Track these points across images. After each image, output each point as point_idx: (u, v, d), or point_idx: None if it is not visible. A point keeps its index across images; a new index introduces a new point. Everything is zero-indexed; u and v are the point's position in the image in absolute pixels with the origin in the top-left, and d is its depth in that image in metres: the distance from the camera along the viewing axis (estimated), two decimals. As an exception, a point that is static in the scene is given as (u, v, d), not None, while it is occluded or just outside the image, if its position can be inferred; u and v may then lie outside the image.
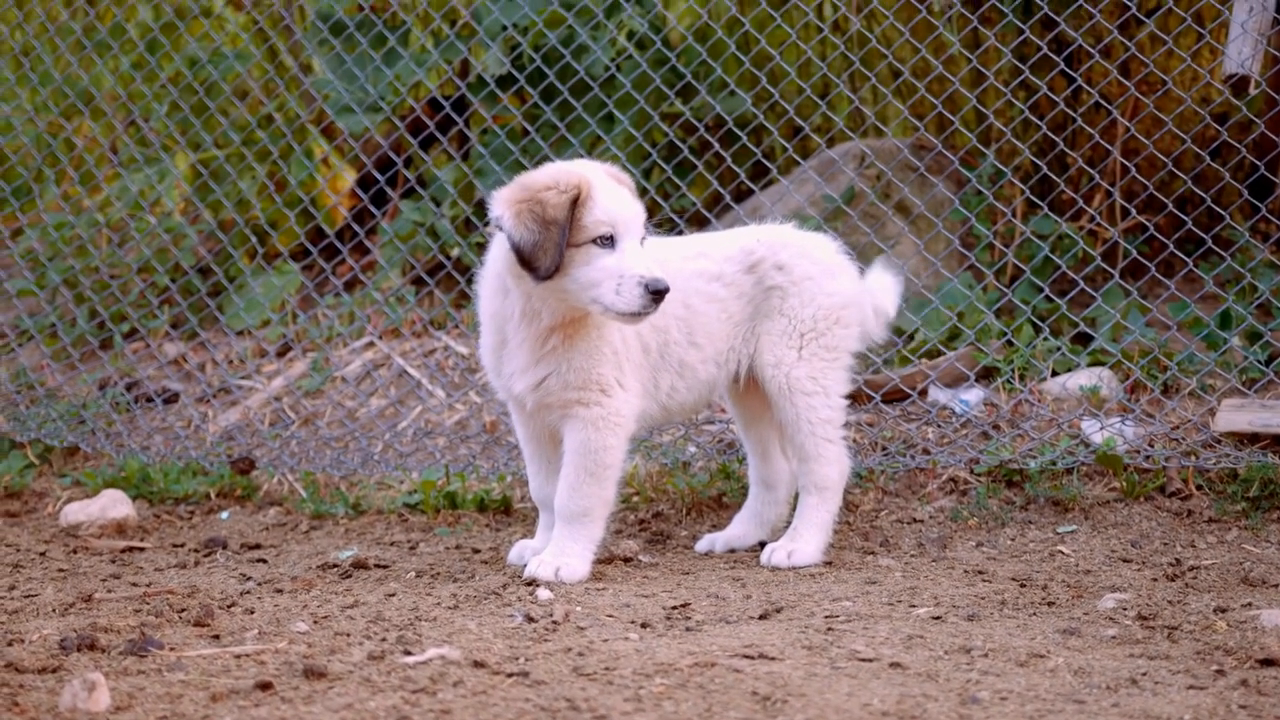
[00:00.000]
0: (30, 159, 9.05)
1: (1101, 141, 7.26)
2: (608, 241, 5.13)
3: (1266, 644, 4.41)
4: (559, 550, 5.42)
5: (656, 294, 5.06)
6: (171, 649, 4.52)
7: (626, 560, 5.69)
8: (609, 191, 5.19)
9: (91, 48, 8.78)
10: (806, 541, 5.60)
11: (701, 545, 5.89)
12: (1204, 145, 7.37)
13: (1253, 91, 6.34)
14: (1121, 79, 7.17)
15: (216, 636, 4.69)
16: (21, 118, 9.03)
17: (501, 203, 5.18)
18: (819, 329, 5.57)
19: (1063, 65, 7.18)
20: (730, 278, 5.57)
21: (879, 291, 5.78)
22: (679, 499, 6.38)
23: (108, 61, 8.82)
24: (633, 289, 5.06)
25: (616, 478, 5.44)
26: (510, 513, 6.54)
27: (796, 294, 5.57)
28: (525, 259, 5.10)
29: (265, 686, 4.10)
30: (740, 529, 5.90)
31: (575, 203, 5.12)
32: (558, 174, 5.21)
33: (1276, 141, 6.93)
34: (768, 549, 5.63)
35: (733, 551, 5.85)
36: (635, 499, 6.45)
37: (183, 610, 5.02)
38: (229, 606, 5.10)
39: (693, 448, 6.67)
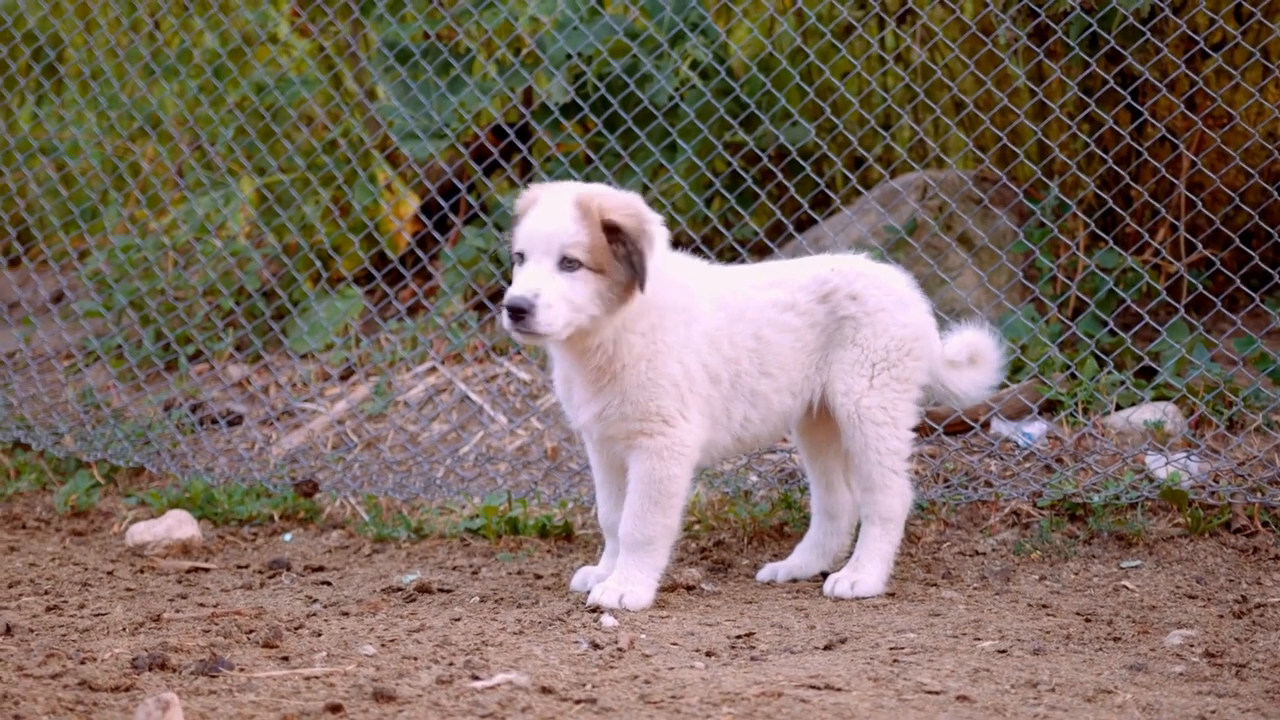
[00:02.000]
0: (98, 181, 9.14)
1: (1167, 175, 7.24)
2: (520, 259, 5.30)
3: (1336, 682, 4.40)
4: (624, 578, 5.45)
5: (514, 311, 5.17)
6: (242, 670, 4.56)
7: (689, 588, 5.70)
8: (536, 211, 5.28)
9: (159, 72, 8.86)
10: (869, 573, 5.61)
11: (763, 574, 5.90)
12: (1270, 179, 7.35)
13: (1321, 127, 6.33)
14: (1188, 112, 7.16)
15: (285, 658, 4.73)
16: (90, 141, 9.12)
17: None
18: (890, 360, 5.59)
19: (1128, 99, 7.17)
20: (804, 307, 5.59)
21: (960, 348, 5.87)
22: (740, 528, 6.39)
23: (174, 86, 8.90)
24: (504, 310, 5.23)
25: (681, 506, 5.47)
26: (572, 539, 6.56)
27: (870, 324, 5.59)
28: None
29: (335, 709, 4.13)
30: (802, 558, 5.91)
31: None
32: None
33: (1344, 177, 6.92)
34: (831, 579, 5.64)
35: (794, 581, 5.85)
36: (696, 527, 6.47)
37: (251, 631, 5.06)
38: (296, 628, 5.14)
39: (754, 477, 6.68)
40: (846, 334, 5.60)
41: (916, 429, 6.61)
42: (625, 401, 5.40)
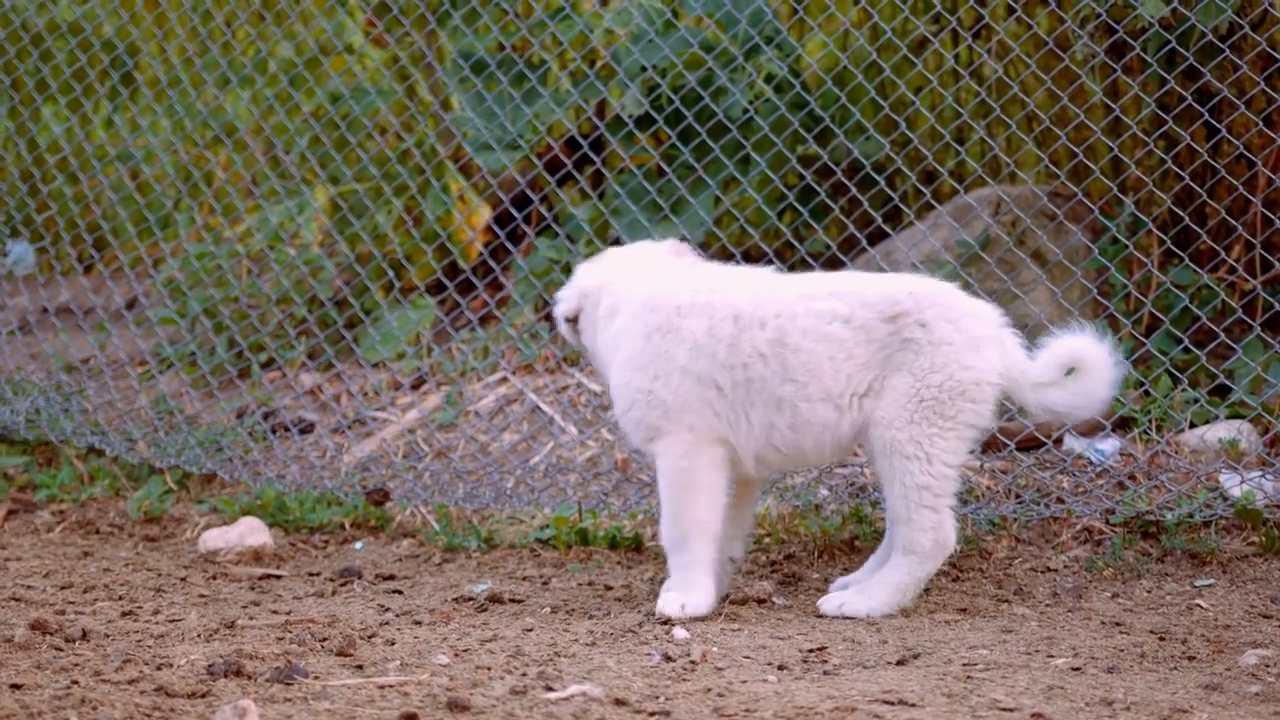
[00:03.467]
0: (172, 189, 9.22)
1: (1244, 192, 7.20)
2: None
3: None
4: (677, 583, 5.48)
5: None
6: (316, 678, 4.59)
7: (760, 601, 5.70)
8: None
9: (235, 81, 8.94)
10: (870, 596, 5.55)
11: (835, 587, 5.86)
12: (1348, 198, 7.29)
13: (1401, 145, 6.28)
14: (1265, 129, 7.11)
15: (360, 666, 4.76)
16: (165, 148, 9.21)
17: None
18: (941, 398, 5.45)
19: (1206, 115, 7.13)
20: (862, 321, 5.51)
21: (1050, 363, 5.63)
22: (810, 541, 6.39)
23: (249, 94, 8.97)
24: None
25: (705, 500, 5.50)
26: (641, 550, 6.57)
27: (929, 355, 5.47)
28: None
29: (410, 718, 4.16)
30: (867, 574, 5.89)
31: None
32: None
33: None
34: (827, 596, 5.65)
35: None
36: (766, 540, 6.47)
37: (324, 639, 5.10)
38: (369, 637, 5.17)
39: (825, 490, 6.67)
40: (906, 359, 5.48)
41: (986, 444, 6.64)
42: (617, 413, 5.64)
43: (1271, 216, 7.09)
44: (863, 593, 5.57)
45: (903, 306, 5.53)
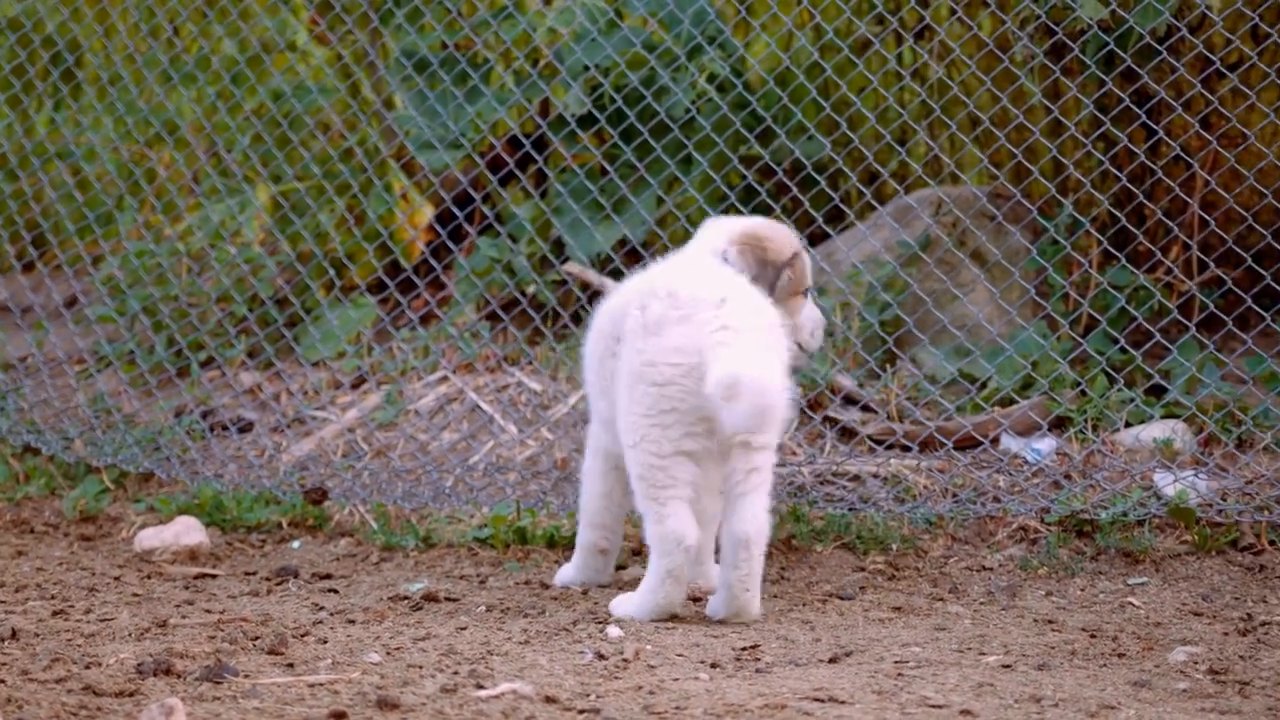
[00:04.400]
0: (113, 187, 9.17)
1: (1181, 194, 7.24)
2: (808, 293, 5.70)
3: (1340, 703, 4.40)
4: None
5: None
6: (246, 676, 4.57)
7: (696, 600, 5.70)
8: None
9: (177, 79, 8.89)
10: (629, 599, 5.50)
11: None
12: (1284, 200, 7.34)
13: (1335, 148, 6.33)
14: (1203, 132, 7.16)
15: (291, 665, 4.74)
16: (106, 146, 9.15)
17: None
18: (630, 383, 5.31)
19: (1144, 117, 7.17)
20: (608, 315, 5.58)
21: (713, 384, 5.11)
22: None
23: (192, 92, 8.93)
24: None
25: (588, 491, 5.87)
26: (580, 550, 6.55)
27: (625, 342, 5.38)
28: None
29: (339, 716, 4.14)
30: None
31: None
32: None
33: (1357, 198, 6.91)
34: None
35: (803, 595, 5.85)
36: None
37: (257, 638, 5.07)
38: (302, 635, 5.15)
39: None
40: (621, 347, 5.40)
41: (924, 444, 6.65)
42: None
43: (1208, 218, 7.13)
44: (630, 596, 5.48)
45: (636, 300, 5.42)
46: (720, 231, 5.79)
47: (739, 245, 5.66)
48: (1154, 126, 7.22)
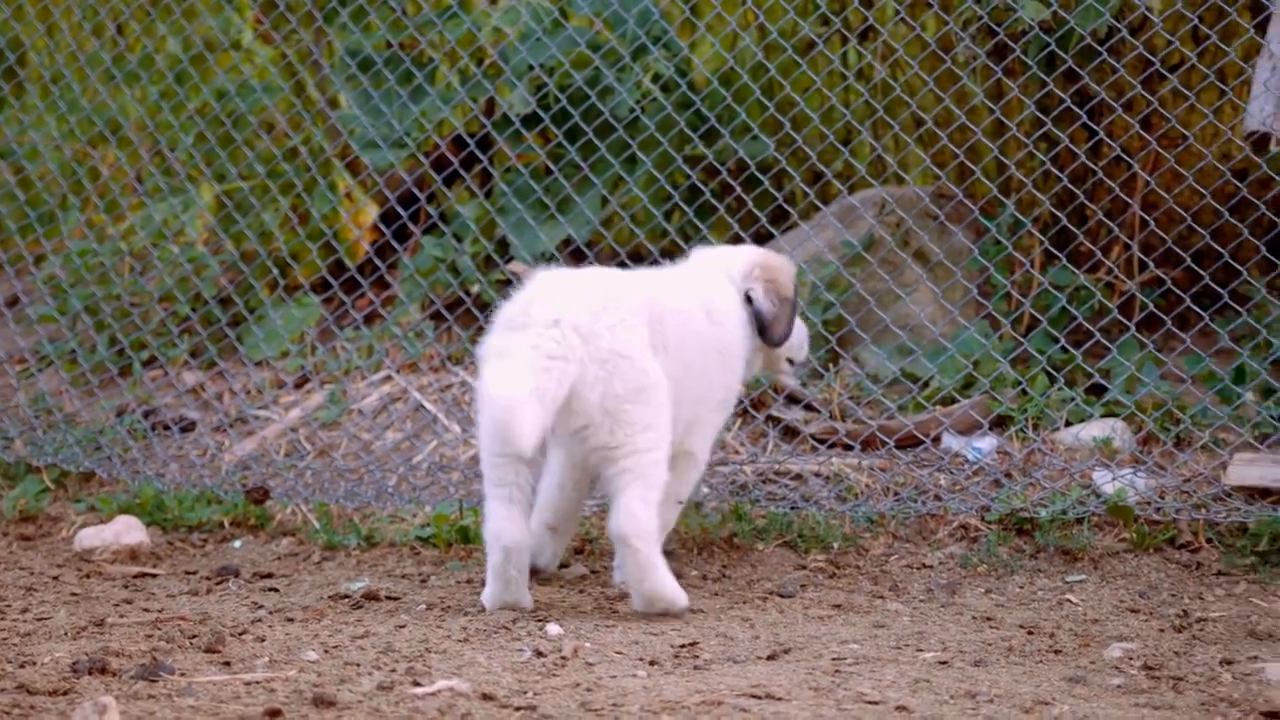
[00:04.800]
0: (56, 186, 9.12)
1: (1121, 194, 7.29)
2: None
3: (1271, 697, 4.42)
4: None
5: None
6: (182, 674, 4.55)
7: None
8: None
9: (120, 77, 8.85)
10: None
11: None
12: (1223, 201, 7.38)
13: (1273, 149, 6.36)
14: (1143, 133, 7.20)
15: (227, 663, 4.72)
16: (49, 145, 9.10)
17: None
18: None
19: (1085, 118, 7.21)
20: None
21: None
22: (690, 539, 6.39)
23: (136, 91, 8.89)
24: None
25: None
26: (522, 549, 6.55)
27: None
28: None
29: (274, 714, 4.13)
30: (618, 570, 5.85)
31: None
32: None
33: (1295, 198, 6.97)
34: None
35: (744, 591, 5.87)
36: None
37: (194, 636, 5.05)
38: (240, 634, 5.13)
39: (705, 489, 6.69)
40: None
41: (866, 443, 6.69)
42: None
43: (1148, 219, 7.18)
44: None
45: None
46: (735, 262, 5.93)
47: (763, 284, 5.88)
48: (1094, 127, 7.26)
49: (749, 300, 5.86)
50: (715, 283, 5.84)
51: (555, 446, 5.71)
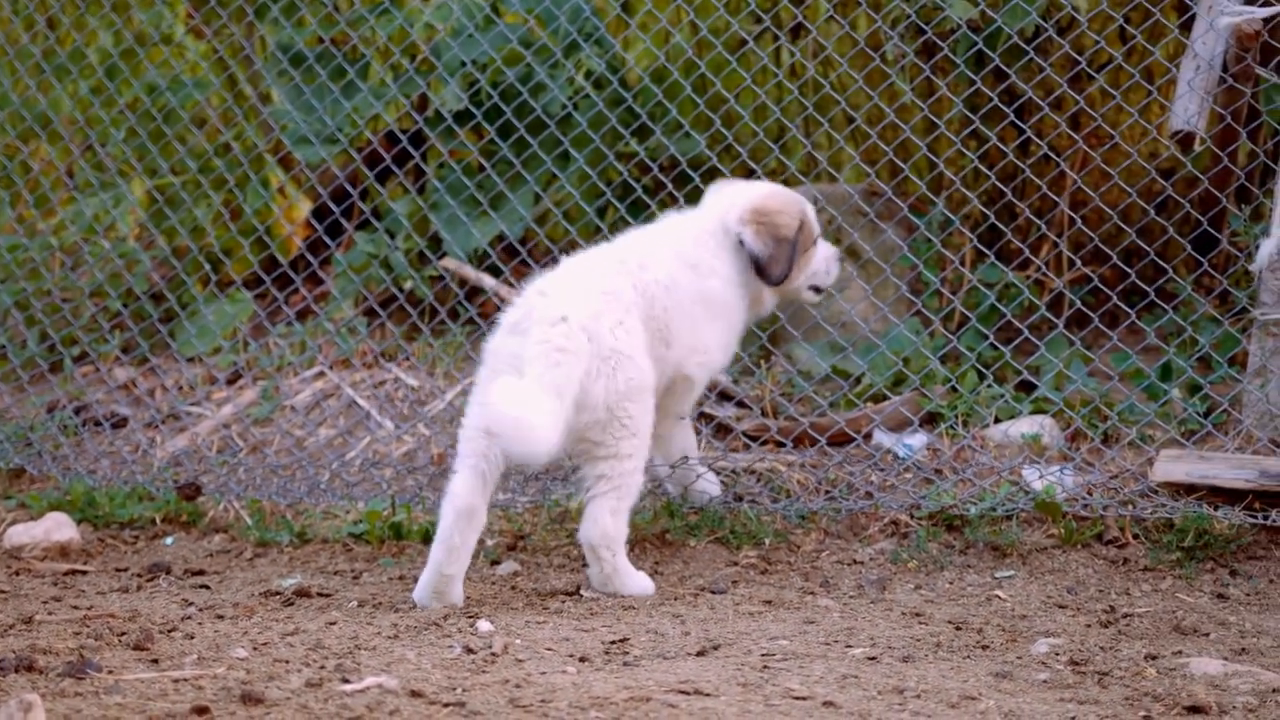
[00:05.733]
0: (-15, 180, 9.06)
1: (1049, 193, 7.34)
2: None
3: (1194, 691, 4.47)
4: None
5: None
6: (110, 672, 4.53)
7: (569, 594, 5.72)
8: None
9: (50, 71, 8.79)
10: None
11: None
12: (1150, 199, 7.46)
13: (1198, 148, 6.43)
14: (1071, 132, 7.26)
15: (155, 660, 4.71)
16: (-22, 139, 9.05)
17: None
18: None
19: (1013, 117, 7.26)
20: None
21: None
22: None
23: (66, 85, 8.83)
24: None
25: None
26: (455, 545, 6.55)
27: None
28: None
29: (201, 711, 4.12)
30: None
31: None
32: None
33: (1220, 198, 7.04)
34: None
35: (676, 588, 5.89)
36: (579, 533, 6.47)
37: (123, 634, 5.03)
38: (169, 631, 5.12)
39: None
40: None
41: (798, 440, 6.73)
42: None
43: (1075, 217, 7.23)
44: None
45: None
46: (732, 205, 6.16)
47: (754, 226, 6.07)
48: (1022, 126, 7.31)
49: (741, 243, 6.08)
50: (698, 240, 6.10)
51: None
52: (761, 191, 6.22)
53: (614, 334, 5.59)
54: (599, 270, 5.82)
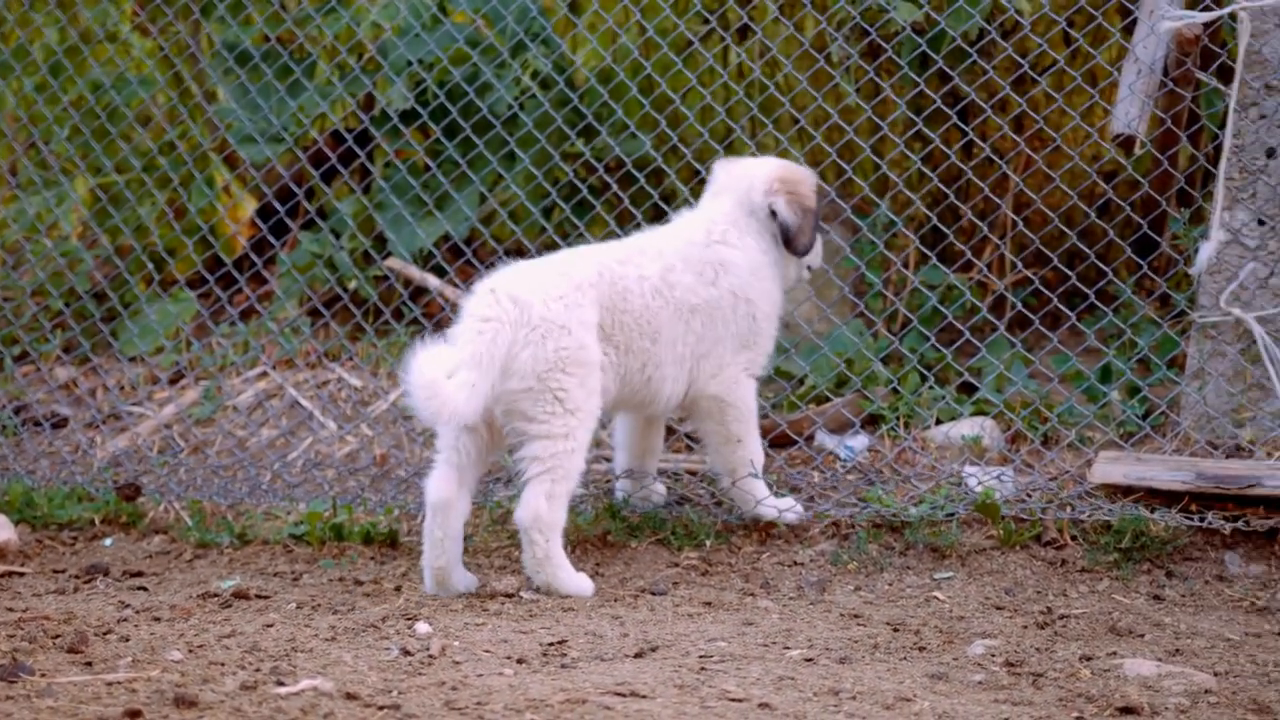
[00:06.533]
0: (-72, 178, 9.00)
1: (992, 195, 7.37)
2: None
3: (1127, 692, 4.50)
4: None
5: None
6: (43, 675, 4.51)
7: (508, 596, 5.71)
8: None
9: (-7, 68, 8.75)
10: None
11: None
12: (1092, 202, 7.50)
13: (1138, 151, 6.47)
14: (1014, 134, 7.29)
15: (89, 664, 4.69)
16: (-80, 136, 8.98)
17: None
18: None
19: (956, 119, 7.28)
20: None
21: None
22: (564, 536, 6.38)
23: (10, 83, 8.78)
24: None
25: None
26: (396, 546, 6.54)
27: None
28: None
29: (134, 714, 4.10)
30: None
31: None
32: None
33: (1160, 201, 7.08)
34: None
35: (616, 590, 5.89)
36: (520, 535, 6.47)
37: (57, 636, 5.01)
38: (105, 634, 5.09)
39: (580, 488, 6.69)
40: None
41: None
42: None
43: (1017, 219, 7.26)
44: None
45: None
46: (756, 179, 6.21)
47: (786, 197, 6.16)
48: (965, 129, 7.34)
49: (773, 214, 6.17)
50: (712, 235, 6.16)
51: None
52: (778, 163, 6.33)
53: (546, 304, 5.62)
54: (568, 256, 5.96)
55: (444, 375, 5.37)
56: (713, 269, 6.04)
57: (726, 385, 6.07)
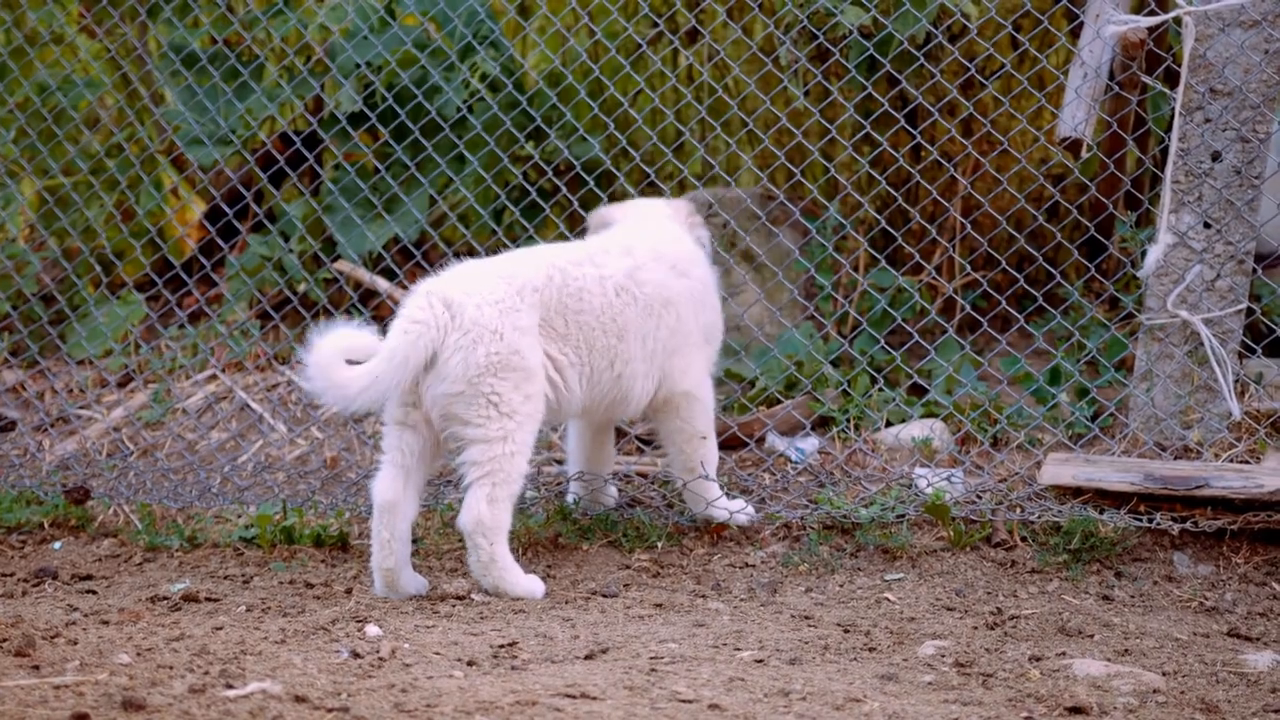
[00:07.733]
0: None
1: (940, 199, 7.40)
2: None
3: (1076, 692, 4.52)
4: None
5: None
6: (-11, 679, 4.49)
7: (459, 598, 5.71)
8: None
9: (-62, 70, 8.69)
10: None
11: None
12: (1040, 205, 7.53)
13: (1085, 155, 6.50)
14: (961, 138, 7.32)
15: (36, 667, 4.65)
16: None
17: None
18: None
19: (905, 122, 7.31)
20: None
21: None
22: (515, 538, 6.39)
23: (-45, 84, 8.73)
24: None
25: None
26: (347, 549, 6.52)
27: None
28: None
29: (82, 718, 4.08)
30: None
31: None
32: None
33: (1108, 204, 7.12)
34: None
35: (569, 592, 5.89)
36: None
37: (4, 640, 4.97)
38: (52, 637, 5.06)
39: (532, 491, 6.69)
40: None
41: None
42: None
43: (966, 222, 7.29)
44: None
45: None
46: (676, 213, 6.41)
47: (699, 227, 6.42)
48: (914, 131, 7.36)
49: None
50: (673, 234, 6.27)
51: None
52: (672, 201, 6.60)
53: (480, 308, 5.63)
54: (518, 256, 5.97)
55: (341, 358, 5.49)
56: (685, 265, 6.17)
57: (696, 380, 6.10)
